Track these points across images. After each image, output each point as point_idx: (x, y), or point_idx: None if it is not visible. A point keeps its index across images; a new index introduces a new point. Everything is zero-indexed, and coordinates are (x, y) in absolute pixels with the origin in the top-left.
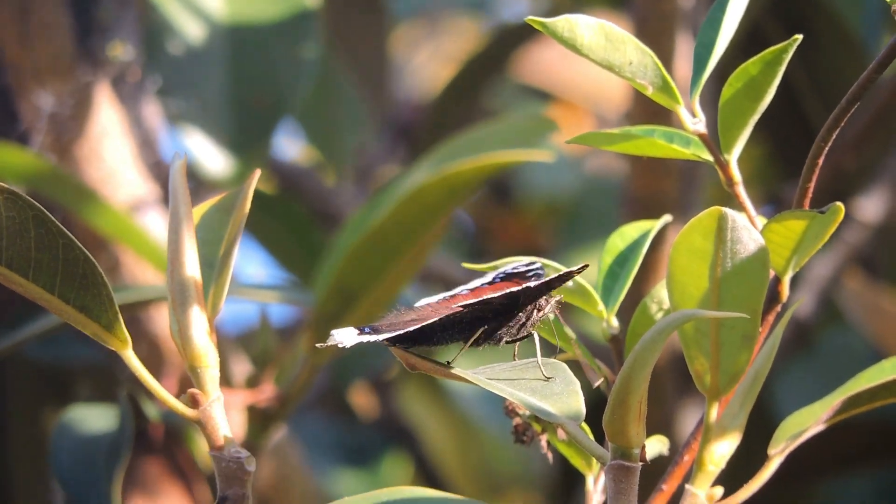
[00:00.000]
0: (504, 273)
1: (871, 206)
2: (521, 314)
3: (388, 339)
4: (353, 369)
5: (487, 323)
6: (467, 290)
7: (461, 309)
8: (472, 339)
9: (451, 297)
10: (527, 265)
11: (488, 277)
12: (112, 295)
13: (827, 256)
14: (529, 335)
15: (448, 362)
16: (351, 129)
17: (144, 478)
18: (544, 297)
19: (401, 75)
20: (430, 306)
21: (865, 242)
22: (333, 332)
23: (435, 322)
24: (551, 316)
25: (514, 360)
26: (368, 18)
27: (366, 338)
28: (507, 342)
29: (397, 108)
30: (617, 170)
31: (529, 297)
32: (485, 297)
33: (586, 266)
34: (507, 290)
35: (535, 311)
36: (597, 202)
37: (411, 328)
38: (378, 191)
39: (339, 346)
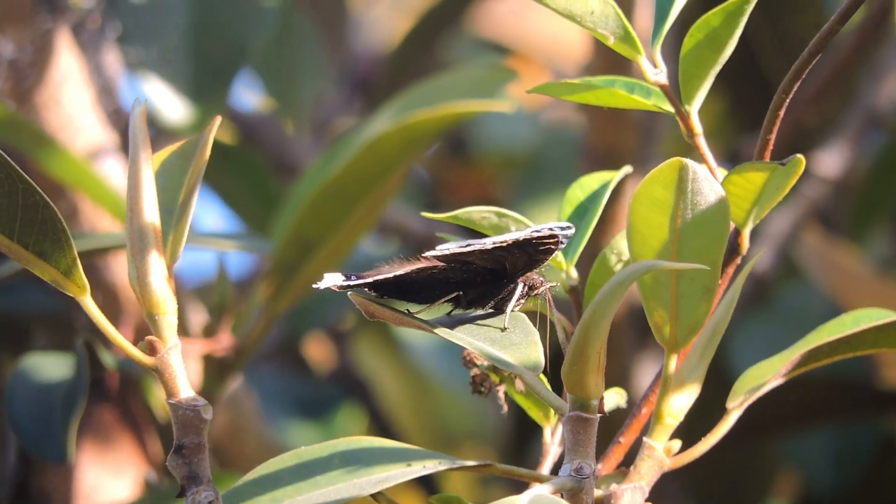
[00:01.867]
0: (543, 229)
1: (830, 161)
2: (511, 285)
3: (370, 286)
4: (308, 321)
5: (476, 287)
6: (489, 242)
7: (440, 264)
8: (445, 299)
9: (466, 247)
10: (562, 227)
11: (525, 233)
12: (71, 241)
13: (786, 211)
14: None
15: (407, 311)
16: (309, 80)
17: (98, 426)
18: (539, 277)
19: (359, 27)
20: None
21: (824, 197)
22: (325, 275)
23: (413, 273)
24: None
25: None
26: None
27: (351, 283)
28: (490, 307)
29: (355, 60)
30: (574, 123)
31: (514, 263)
32: (463, 252)
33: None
34: (490, 249)
35: (528, 289)
36: (555, 154)
37: (389, 275)
38: (336, 141)
39: (331, 287)
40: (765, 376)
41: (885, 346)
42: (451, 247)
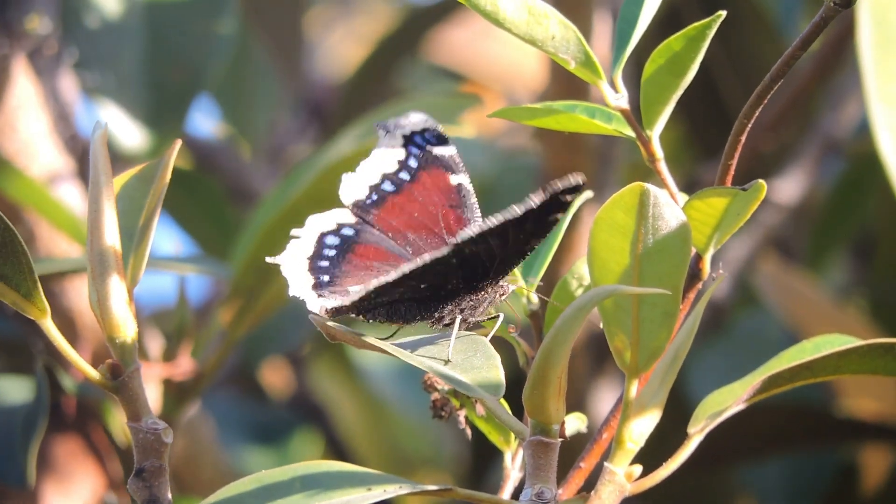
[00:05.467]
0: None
1: (787, 188)
2: (484, 294)
3: (360, 310)
4: (265, 346)
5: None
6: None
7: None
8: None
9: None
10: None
11: (551, 189)
12: (31, 263)
13: (743, 238)
14: (496, 317)
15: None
16: (265, 107)
17: (56, 451)
18: (504, 282)
19: (315, 54)
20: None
21: (781, 225)
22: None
23: (406, 275)
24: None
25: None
26: None
27: (329, 303)
28: (471, 323)
29: (311, 87)
30: (530, 150)
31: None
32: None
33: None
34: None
35: (498, 293)
36: (510, 181)
37: (371, 286)
38: (295, 167)
39: (318, 313)
40: (726, 402)
41: (846, 371)
42: (475, 227)
